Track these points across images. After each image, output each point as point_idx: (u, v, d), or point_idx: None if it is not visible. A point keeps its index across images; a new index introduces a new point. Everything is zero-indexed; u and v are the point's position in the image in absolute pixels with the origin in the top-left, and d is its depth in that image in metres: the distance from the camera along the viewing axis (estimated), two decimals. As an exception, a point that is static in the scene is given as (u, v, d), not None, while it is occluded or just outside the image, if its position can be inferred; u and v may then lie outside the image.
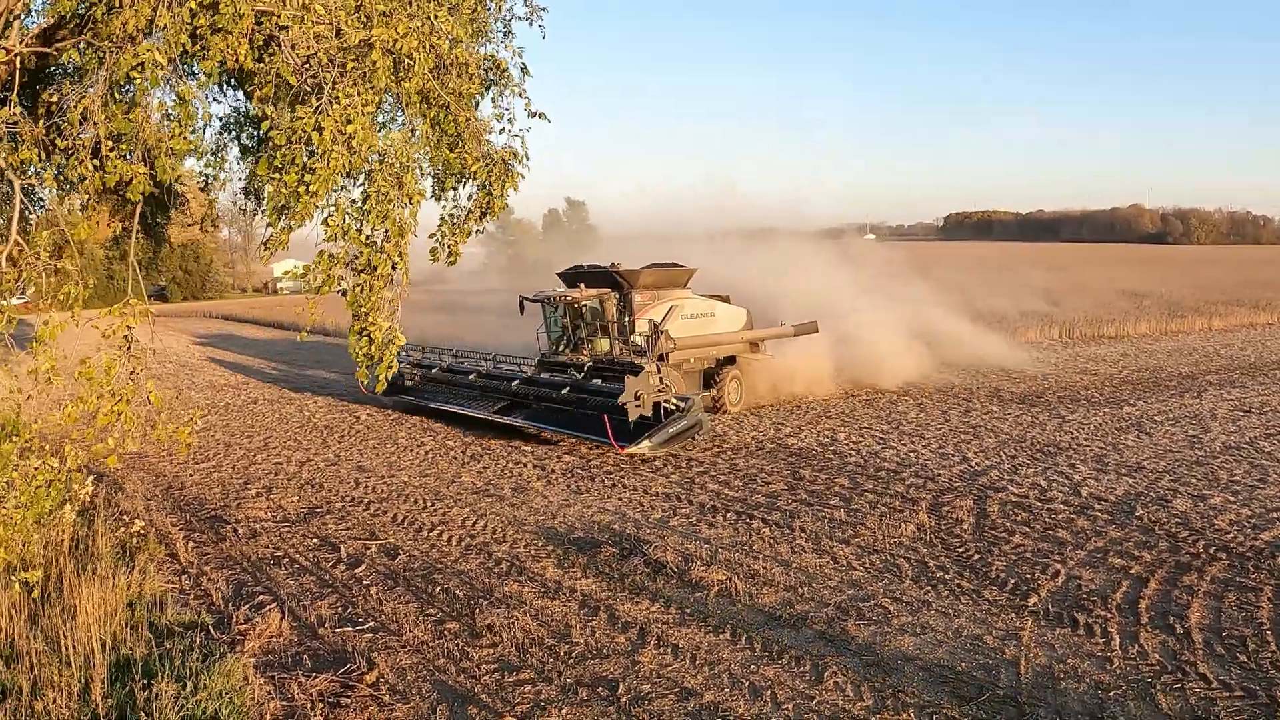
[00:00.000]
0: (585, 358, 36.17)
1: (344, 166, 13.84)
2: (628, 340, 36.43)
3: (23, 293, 15.87)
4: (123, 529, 21.47)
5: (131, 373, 14.90)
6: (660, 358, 35.47)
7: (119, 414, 14.58)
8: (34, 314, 14.65)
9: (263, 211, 21.53)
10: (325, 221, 14.24)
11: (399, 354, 18.76)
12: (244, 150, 18.84)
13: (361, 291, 14.87)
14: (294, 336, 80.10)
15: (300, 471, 29.23)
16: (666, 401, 31.02)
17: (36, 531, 16.23)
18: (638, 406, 30.25)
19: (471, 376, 38.91)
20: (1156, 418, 35.48)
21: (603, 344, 36.89)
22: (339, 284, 14.75)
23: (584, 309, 37.09)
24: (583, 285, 36.54)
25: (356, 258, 14.77)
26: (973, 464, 28.22)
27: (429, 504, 24.92)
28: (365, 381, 16.58)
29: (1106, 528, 21.59)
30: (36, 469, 15.39)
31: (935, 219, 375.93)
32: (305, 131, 13.58)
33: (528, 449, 31.65)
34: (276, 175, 13.97)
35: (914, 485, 25.73)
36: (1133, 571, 18.85)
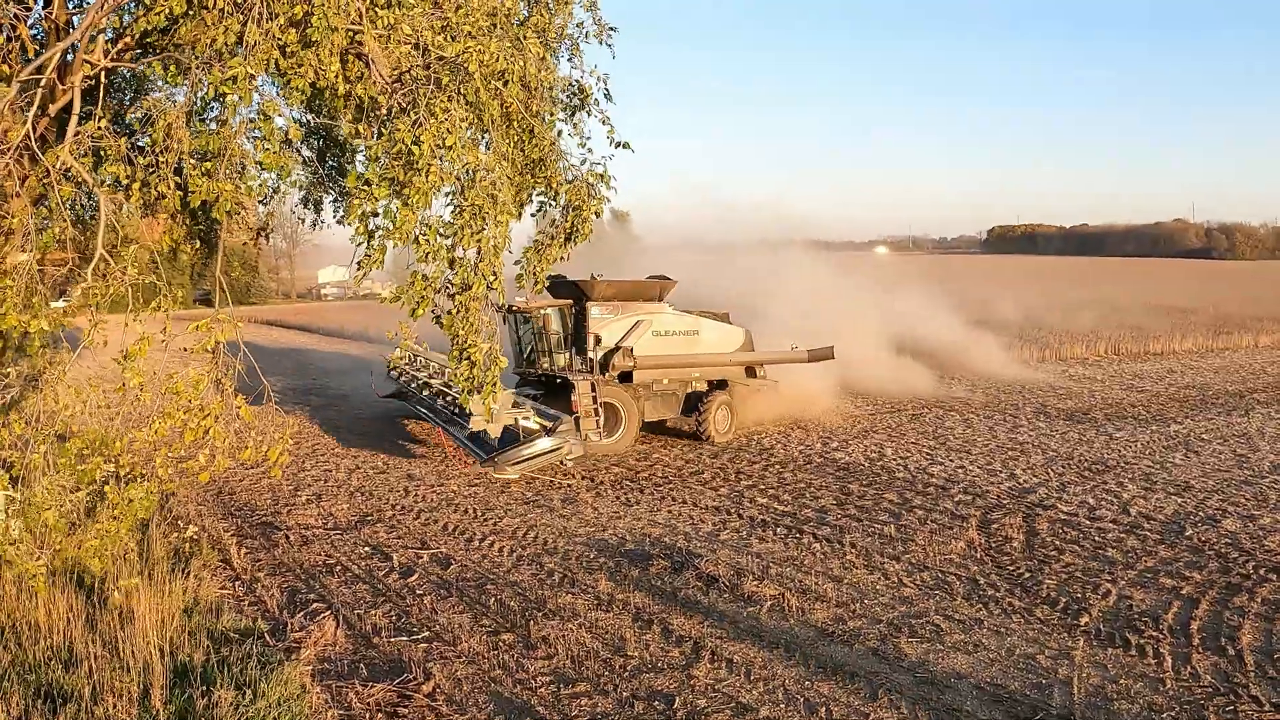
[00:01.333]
0: (544, 370, 35.53)
1: (441, 181, 13.89)
2: (583, 354, 34.78)
3: (62, 294, 16.03)
4: (176, 534, 21.61)
5: (220, 387, 15.01)
6: (624, 376, 34.48)
7: (206, 430, 14.70)
8: (82, 319, 14.77)
9: (322, 224, 21.77)
10: (417, 240, 14.30)
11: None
12: (305, 162, 18.97)
13: (458, 314, 14.91)
14: (338, 342, 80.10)
15: (350, 479, 29.38)
16: (527, 420, 28.81)
17: (132, 541, 16.39)
18: (485, 422, 28.45)
19: (426, 383, 38.06)
20: (1204, 436, 35.36)
21: (560, 358, 35.32)
22: (433, 308, 14.79)
23: (543, 321, 35.63)
24: (548, 296, 35.31)
25: (451, 280, 14.82)
26: (1021, 481, 28.19)
27: (479, 514, 25.04)
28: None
29: (1156, 547, 21.54)
30: (128, 484, 15.56)
31: (979, 232, 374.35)
32: (405, 145, 13.64)
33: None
34: (365, 189, 14.05)
35: (963, 502, 25.73)
36: (1184, 592, 18.81)
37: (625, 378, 34.58)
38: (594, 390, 32.13)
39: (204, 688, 13.52)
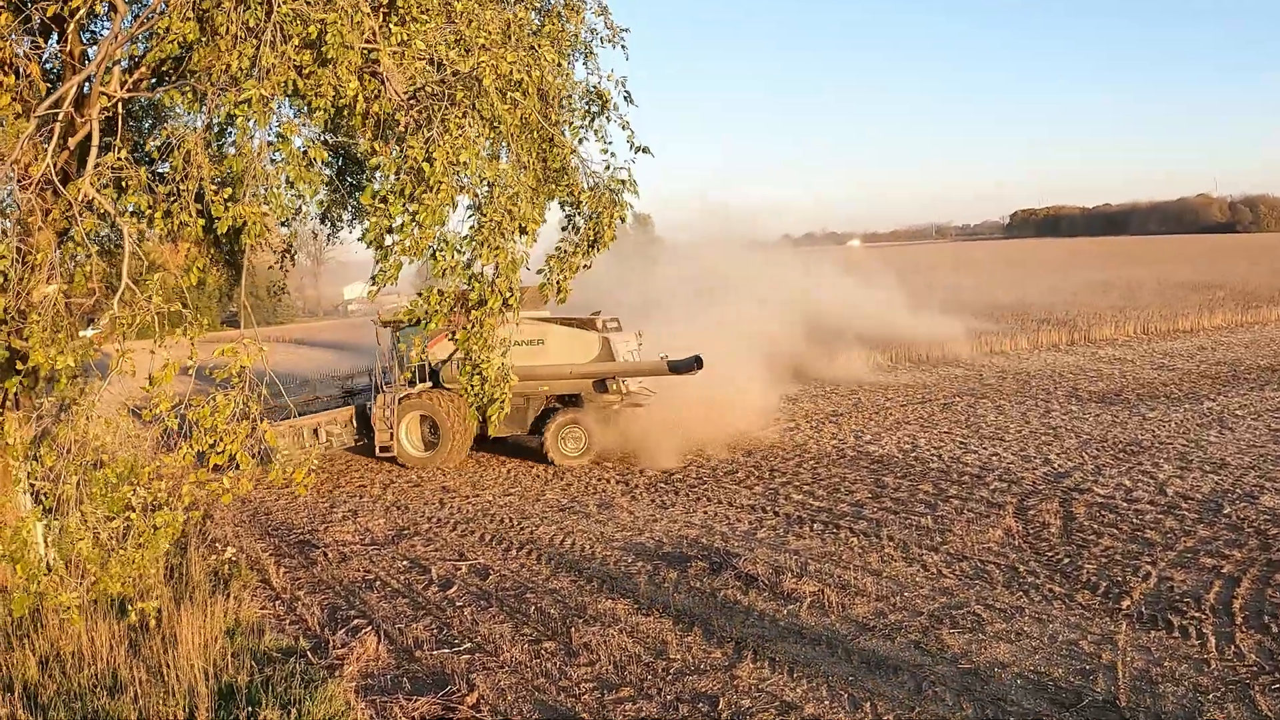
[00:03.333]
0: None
1: (452, 198, 13.90)
2: (402, 369, 33.91)
3: (90, 322, 16.12)
4: (214, 556, 21.67)
5: (245, 413, 15.04)
6: (438, 385, 33.98)
7: (233, 455, 14.74)
8: (110, 346, 14.82)
9: (335, 238, 21.84)
10: (434, 256, 14.31)
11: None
12: (326, 180, 19.01)
13: (473, 329, 14.93)
14: (365, 357, 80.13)
15: (385, 493, 29.42)
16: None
17: (154, 566, 16.48)
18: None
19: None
20: (1238, 412, 35.24)
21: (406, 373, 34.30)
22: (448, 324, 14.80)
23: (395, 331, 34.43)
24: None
25: (467, 294, 14.82)
26: (1055, 466, 28.13)
27: (515, 522, 25.06)
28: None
29: (1195, 527, 21.49)
30: (153, 511, 15.62)
31: (1001, 217, 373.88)
32: (416, 162, 13.66)
33: (609, 464, 31.68)
34: (381, 205, 14.08)
35: (998, 489, 25.67)
36: (1224, 571, 18.76)
37: (437, 386, 34.12)
38: (393, 404, 32.48)
39: (249, 709, 13.61)
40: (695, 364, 31.93)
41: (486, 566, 21.37)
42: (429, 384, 34.01)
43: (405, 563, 22.05)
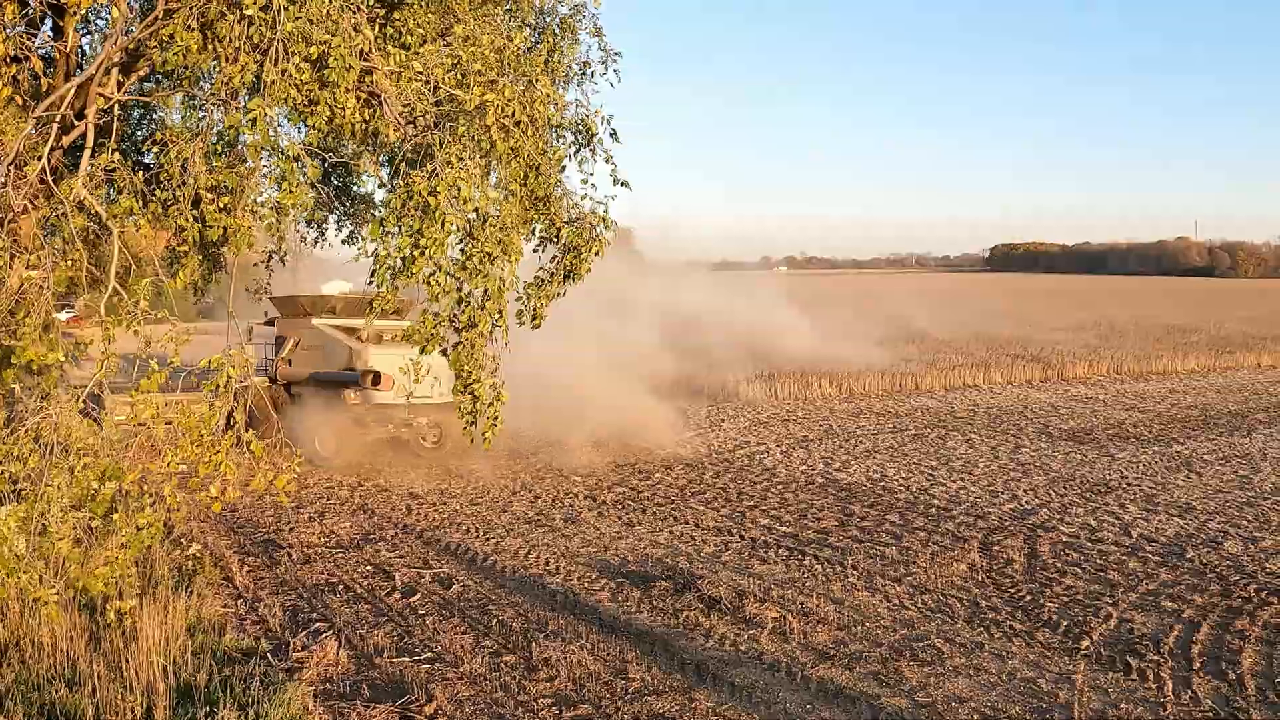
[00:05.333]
0: None
1: (454, 230, 14.01)
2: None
3: (70, 307, 16.14)
4: (179, 552, 21.62)
5: (230, 422, 15.08)
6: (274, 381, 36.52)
7: (218, 464, 14.78)
8: (85, 329, 14.84)
9: (325, 243, 21.86)
10: (428, 281, 14.38)
11: None
12: (312, 185, 19.06)
13: (464, 350, 15.02)
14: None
15: (352, 496, 29.41)
16: None
17: (132, 566, 16.44)
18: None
19: None
20: (1206, 457, 35.39)
21: None
22: (442, 343, 14.91)
23: None
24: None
25: (458, 316, 14.91)
26: (1022, 502, 28.22)
27: (481, 533, 25.02)
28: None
29: (1158, 570, 21.57)
30: (136, 512, 15.59)
31: (981, 250, 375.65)
32: (421, 196, 13.73)
33: (577, 479, 31.70)
34: (388, 238, 14.17)
35: (964, 523, 25.74)
36: (1185, 615, 18.83)
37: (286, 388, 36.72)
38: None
39: (207, 708, 13.56)
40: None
41: (451, 576, 21.35)
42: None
43: (369, 567, 22.03)
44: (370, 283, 14.69)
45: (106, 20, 15.98)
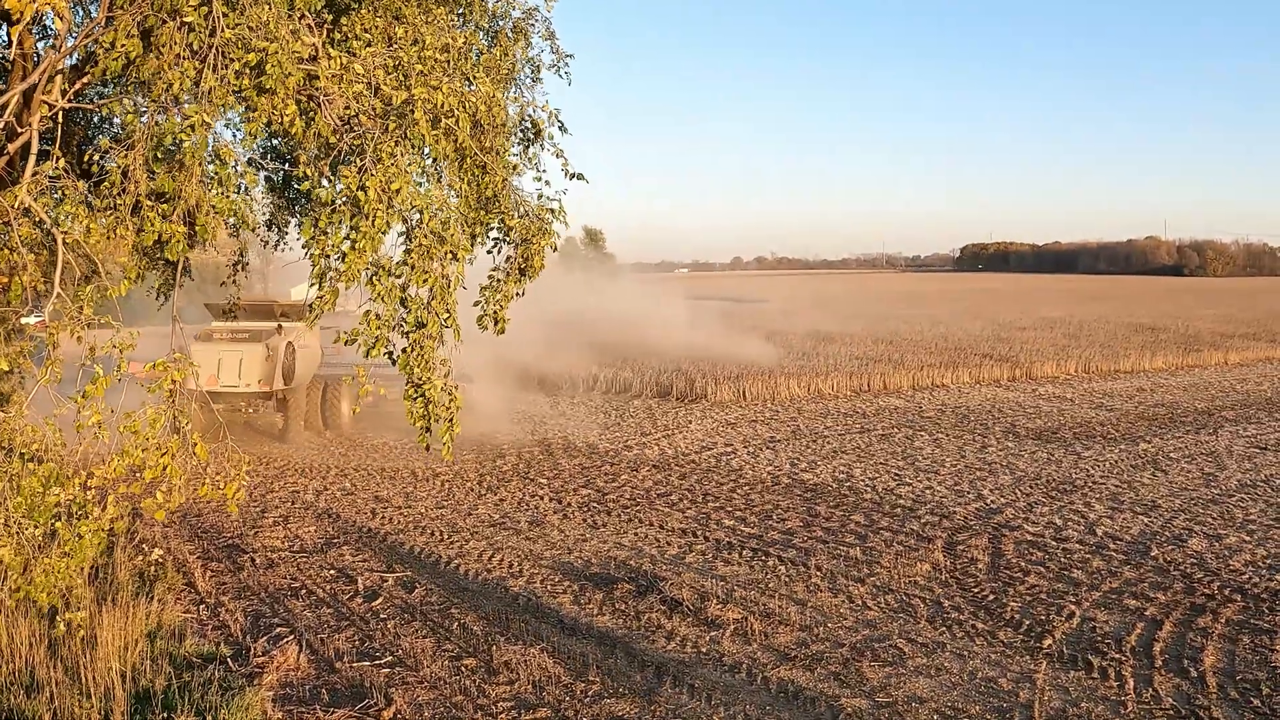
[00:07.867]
0: None
1: (387, 225, 13.91)
2: None
3: (37, 309, 16.00)
4: (141, 557, 21.50)
5: (176, 427, 14.98)
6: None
7: (164, 468, 14.66)
8: (48, 332, 14.69)
9: (287, 246, 21.73)
10: (370, 281, 14.28)
11: None
12: (270, 185, 18.97)
13: (412, 352, 14.89)
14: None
15: (317, 500, 29.28)
16: None
17: (80, 576, 16.26)
18: None
19: None
20: (1172, 455, 35.48)
21: None
22: (387, 346, 14.76)
23: None
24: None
25: (404, 318, 14.79)
26: (988, 502, 28.27)
27: (446, 536, 24.96)
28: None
29: (1121, 568, 21.64)
30: (79, 520, 15.45)
31: (951, 250, 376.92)
32: (351, 191, 13.65)
33: (544, 481, 31.64)
34: (323, 236, 14.07)
35: (929, 523, 25.77)
36: (1147, 613, 18.89)
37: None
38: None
39: (165, 714, 13.51)
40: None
41: (414, 579, 21.29)
42: None
43: (332, 572, 21.95)
44: (311, 284, 14.57)
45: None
